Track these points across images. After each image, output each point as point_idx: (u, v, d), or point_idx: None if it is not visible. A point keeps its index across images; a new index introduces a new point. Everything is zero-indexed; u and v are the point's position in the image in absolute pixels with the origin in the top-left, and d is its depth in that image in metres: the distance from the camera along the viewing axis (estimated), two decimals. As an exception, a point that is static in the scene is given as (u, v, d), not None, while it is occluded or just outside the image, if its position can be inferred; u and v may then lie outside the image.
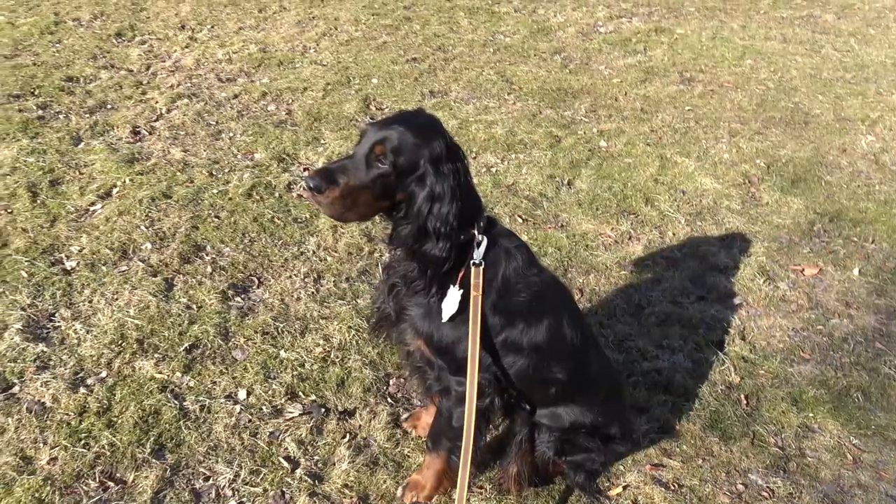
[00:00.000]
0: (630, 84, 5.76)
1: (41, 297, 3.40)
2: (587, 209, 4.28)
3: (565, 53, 6.22)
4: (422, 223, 2.14)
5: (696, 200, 4.45)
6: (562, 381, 2.47)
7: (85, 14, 6.22)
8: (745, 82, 5.90)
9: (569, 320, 2.46)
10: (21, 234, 3.75)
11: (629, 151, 4.87)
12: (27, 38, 5.75)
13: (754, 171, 4.75)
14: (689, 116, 5.37)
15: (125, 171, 4.27)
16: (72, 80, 5.21)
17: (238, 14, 6.48)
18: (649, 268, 3.91)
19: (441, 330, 2.34)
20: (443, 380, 2.45)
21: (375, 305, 2.63)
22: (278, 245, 3.86)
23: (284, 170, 4.45)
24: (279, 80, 5.44)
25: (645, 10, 7.25)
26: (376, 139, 2.09)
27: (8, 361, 3.05)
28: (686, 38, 6.64)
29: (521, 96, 5.50)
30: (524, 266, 2.38)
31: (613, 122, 5.22)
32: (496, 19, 6.77)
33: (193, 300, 3.46)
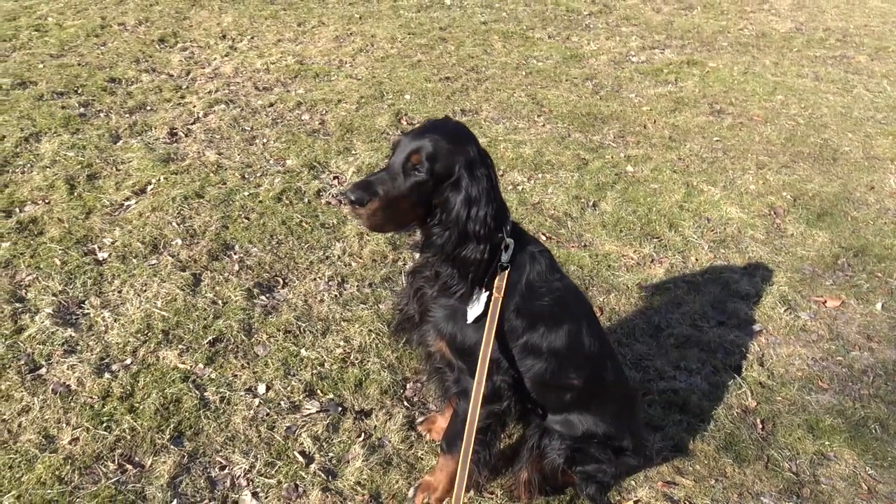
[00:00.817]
0: (659, 112, 5.81)
1: (72, 284, 3.49)
2: (611, 231, 4.31)
3: (597, 80, 6.28)
4: (461, 228, 2.19)
5: (720, 228, 4.46)
6: (577, 388, 2.49)
7: (130, 19, 6.41)
8: (774, 117, 5.92)
9: (588, 327, 2.49)
10: (56, 224, 3.86)
11: (655, 177, 4.90)
12: (73, 39, 5.94)
13: (780, 203, 4.75)
14: (716, 147, 5.40)
15: (160, 170, 4.38)
16: (114, 81, 5.37)
17: (278, 27, 6.64)
18: (670, 291, 3.92)
19: (465, 331, 2.38)
20: (462, 382, 2.49)
21: (398, 308, 2.67)
22: (305, 248, 3.93)
23: (315, 177, 4.53)
24: (314, 91, 5.56)
25: (678, 42, 7.31)
26: (412, 148, 2.14)
27: (37, 344, 3.14)
28: (717, 71, 6.69)
29: (550, 119, 5.56)
30: (547, 271, 2.42)
31: (641, 148, 5.26)
32: (530, 44, 6.87)
33: (219, 296, 3.53)
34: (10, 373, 2.98)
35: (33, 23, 6.13)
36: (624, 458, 2.60)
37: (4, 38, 5.81)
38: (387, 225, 2.22)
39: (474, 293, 2.34)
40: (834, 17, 8.55)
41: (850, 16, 8.61)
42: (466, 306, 2.36)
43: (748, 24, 8.05)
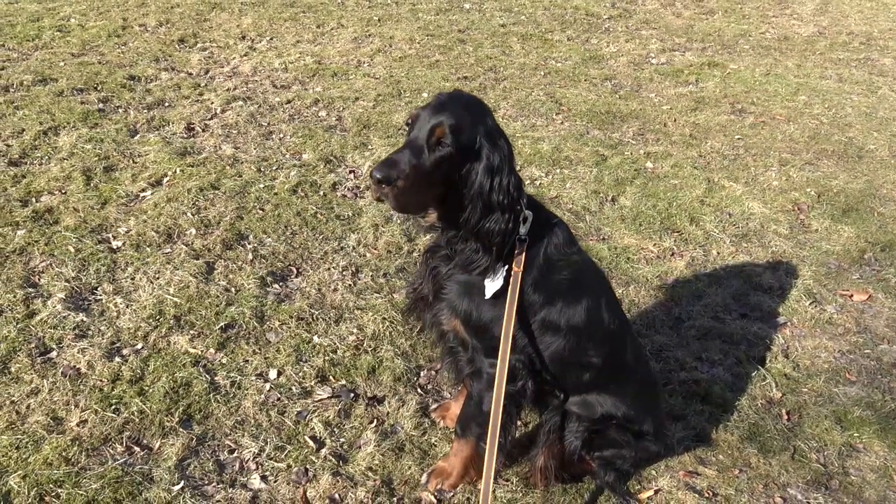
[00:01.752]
0: (680, 111, 5.73)
1: (86, 271, 3.47)
2: (630, 224, 4.23)
3: (616, 80, 6.22)
4: (486, 198, 2.12)
5: (742, 223, 4.36)
6: (597, 366, 2.41)
7: (151, 21, 6.46)
8: (797, 116, 5.82)
9: (607, 303, 2.42)
10: (72, 213, 3.85)
11: (676, 173, 4.82)
12: (95, 39, 5.98)
13: (804, 199, 4.65)
14: (738, 144, 5.31)
15: (177, 163, 4.37)
16: (133, 79, 5.39)
17: (297, 29, 6.65)
18: (691, 283, 3.83)
19: (480, 308, 2.32)
20: (475, 361, 2.42)
21: (412, 287, 2.62)
22: (319, 239, 3.89)
23: (331, 170, 4.50)
24: (332, 89, 5.55)
25: (699, 45, 7.24)
26: (435, 122, 2.07)
27: (48, 328, 3.12)
28: (739, 73, 6.60)
29: (569, 117, 5.50)
30: (565, 244, 2.36)
31: (661, 145, 5.19)
32: (549, 46, 6.83)
33: (232, 283, 3.49)
34: (21, 356, 2.96)
35: (56, 24, 6.20)
36: (644, 442, 2.51)
37: (28, 37, 5.87)
38: (413, 204, 2.15)
39: (495, 268, 2.27)
40: (857, 21, 8.43)
41: (874, 20, 8.49)
42: (484, 281, 2.29)
43: (770, 27, 7.96)
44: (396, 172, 2.03)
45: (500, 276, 2.28)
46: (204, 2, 7.05)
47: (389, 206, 2.12)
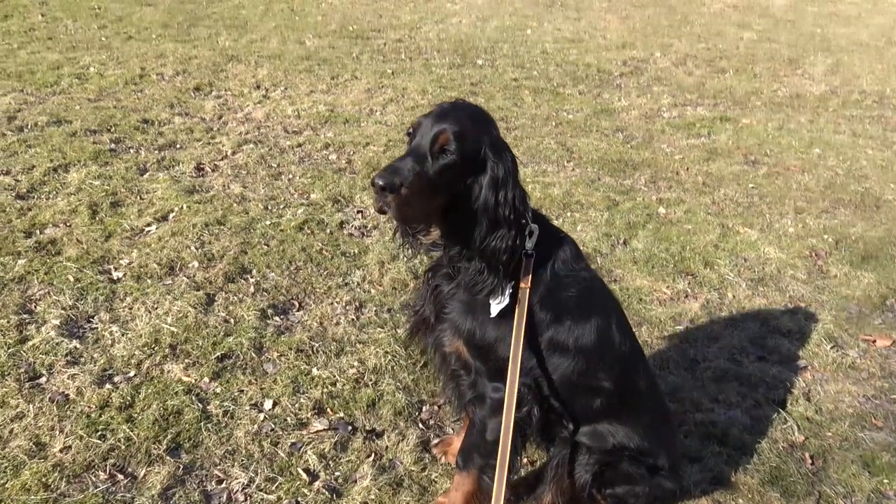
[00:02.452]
0: (692, 161, 5.68)
1: (84, 300, 3.40)
2: (642, 266, 4.13)
3: (627, 132, 6.21)
4: (491, 213, 2.03)
5: (758, 267, 4.24)
6: (608, 391, 2.27)
7: (169, 70, 6.56)
8: (812, 167, 5.75)
9: (617, 323, 2.30)
10: (75, 245, 3.80)
11: (689, 219, 4.73)
12: (112, 86, 6.07)
13: (821, 246, 4.53)
14: (752, 192, 5.23)
15: (184, 199, 4.34)
16: (147, 122, 5.43)
17: (311, 80, 6.74)
18: (706, 325, 3.69)
19: (485, 327, 2.20)
20: (478, 386, 2.29)
21: (413, 310, 2.51)
22: (324, 275, 3.81)
23: (339, 210, 4.45)
24: (343, 135, 5.56)
25: (710, 101, 7.25)
26: (439, 129, 1.99)
27: (40, 353, 3.03)
28: (751, 127, 6.58)
29: (580, 164, 5.46)
30: (573, 259, 2.26)
31: (674, 192, 5.12)
32: (560, 99, 6.86)
33: (232, 315, 3.40)
34: (9, 380, 2.86)
35: (75, 71, 6.31)
36: (658, 478, 2.35)
37: (46, 83, 5.97)
38: (416, 214, 2.03)
39: (503, 285, 2.16)
40: (869, 81, 8.45)
41: (886, 80, 8.50)
42: (490, 299, 2.18)
43: (781, 86, 7.98)
44: (399, 179, 1.92)
45: (507, 292, 2.18)
46: (221, 54, 7.18)
47: (391, 216, 2.02)
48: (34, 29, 7.43)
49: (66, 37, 7.30)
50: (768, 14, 12.07)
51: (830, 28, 11.39)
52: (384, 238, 4.20)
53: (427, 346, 2.45)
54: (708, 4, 12.45)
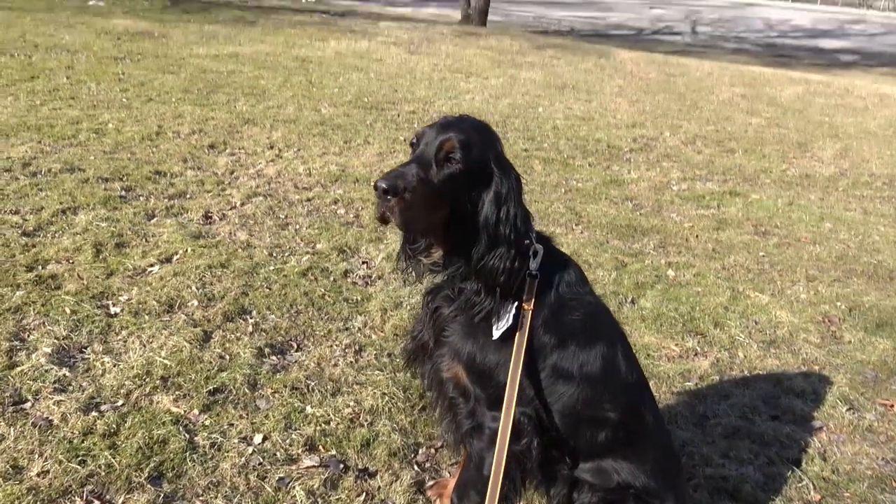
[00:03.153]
0: (702, 229, 5.64)
1: (78, 331, 3.34)
2: (650, 325, 4.03)
3: (637, 201, 6.21)
4: (491, 230, 1.98)
5: (769, 330, 4.14)
6: (613, 423, 2.16)
7: (185, 129, 6.68)
8: (823, 240, 5.70)
9: (623, 351, 2.21)
10: (75, 280, 3.77)
11: (698, 282, 4.66)
12: (129, 141, 6.17)
13: (834, 312, 4.43)
14: (763, 260, 5.16)
15: (189, 243, 4.32)
16: (159, 174, 5.48)
17: (324, 143, 6.83)
18: (716, 384, 3.57)
19: (485, 350, 2.11)
20: (477, 415, 2.19)
21: (412, 335, 2.43)
22: (324, 319, 3.74)
23: (344, 259, 4.42)
24: (353, 192, 5.59)
25: (720, 177, 7.28)
26: (444, 137, 1.97)
27: (28, 379, 2.95)
28: (761, 201, 6.57)
29: (588, 227, 5.44)
30: (577, 283, 2.19)
31: (683, 256, 5.06)
32: (570, 169, 6.91)
33: (228, 352, 3.32)
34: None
35: (94, 126, 6.42)
36: (665, 521, 2.20)
37: (64, 136, 6.07)
38: (419, 222, 1.98)
39: (503, 307, 2.09)
40: (878, 165, 8.49)
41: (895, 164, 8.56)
42: (491, 322, 2.11)
43: (790, 167, 8.02)
44: (403, 183, 1.88)
45: (510, 314, 2.10)
46: (238, 117, 7.32)
47: (394, 223, 1.94)
48: (58, 89, 7.63)
49: (89, 97, 7.47)
50: (776, 103, 12.29)
51: (838, 118, 11.55)
52: (388, 287, 4.14)
53: (425, 373, 2.36)
54: (717, 92, 12.70)
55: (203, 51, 10.75)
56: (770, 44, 26.75)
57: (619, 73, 13.86)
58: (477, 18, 21.81)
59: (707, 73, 15.00)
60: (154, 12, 14.41)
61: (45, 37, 10.32)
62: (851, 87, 15.21)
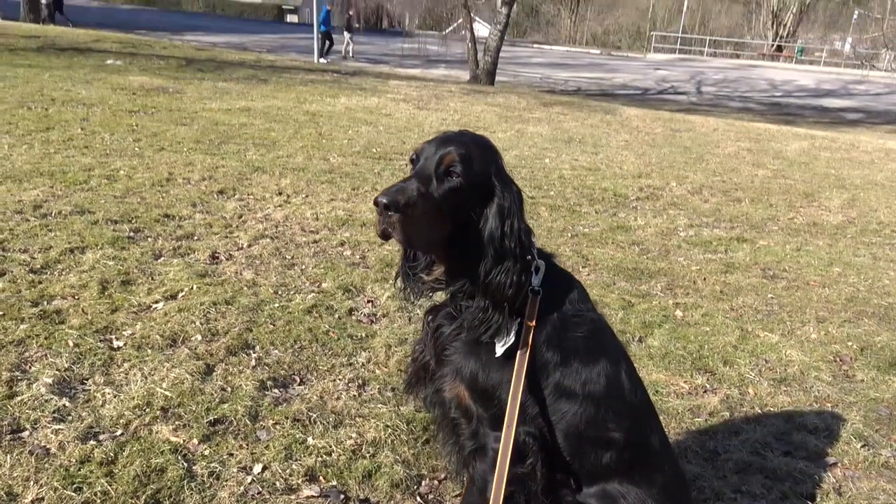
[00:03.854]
0: (710, 272, 5.61)
1: (80, 363, 3.32)
2: (658, 362, 3.98)
3: (643, 246, 6.20)
4: (497, 244, 1.96)
5: (780, 368, 4.07)
6: (619, 445, 2.10)
7: (196, 176, 6.77)
8: (832, 283, 5.65)
9: (627, 370, 2.17)
10: (80, 315, 3.77)
11: (707, 321, 4.61)
12: (139, 187, 6.25)
13: (846, 352, 4.36)
14: (772, 302, 5.12)
15: (195, 281, 4.33)
16: (168, 217, 5.53)
17: (333, 190, 6.90)
18: (727, 420, 3.50)
19: (488, 368, 2.07)
20: (479, 436, 2.14)
21: (413, 357, 2.39)
22: (328, 354, 3.71)
23: (349, 298, 4.41)
24: (359, 235, 5.61)
25: (727, 224, 7.28)
26: (444, 151, 1.96)
27: (27, 409, 2.93)
28: (769, 247, 6.55)
29: (595, 269, 5.43)
30: (580, 299, 2.17)
31: (690, 298, 5.02)
32: (577, 216, 6.93)
33: (230, 384, 3.29)
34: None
35: (106, 173, 6.52)
36: (674, 548, 2.13)
37: (76, 182, 6.15)
38: (420, 237, 1.94)
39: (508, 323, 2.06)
40: (887, 214, 8.47)
41: (904, 215, 8.53)
42: (494, 340, 2.08)
43: (797, 215, 8.02)
44: (404, 199, 1.86)
45: (513, 331, 2.08)
46: (247, 165, 7.41)
47: (396, 239, 1.91)
48: (72, 139, 7.77)
49: (102, 146, 7.61)
50: (782, 156, 12.37)
51: (844, 170, 11.60)
52: (393, 324, 4.12)
53: (427, 395, 2.32)
54: (722, 146, 12.80)
55: (216, 105, 10.98)
56: (775, 103, 27.12)
57: (625, 128, 14.03)
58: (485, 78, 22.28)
59: (713, 129, 15.16)
60: (170, 70, 14.78)
61: (62, 91, 10.59)
62: (857, 142, 15.33)
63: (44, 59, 14.16)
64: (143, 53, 17.62)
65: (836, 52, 56.95)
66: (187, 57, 18.09)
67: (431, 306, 2.29)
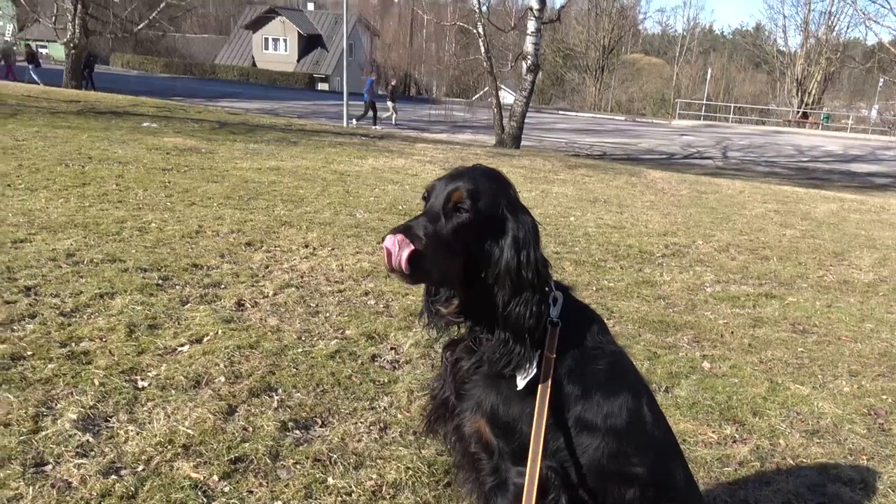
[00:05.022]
0: (737, 326, 5.54)
1: (105, 401, 3.35)
2: (686, 412, 3.90)
3: (669, 300, 6.15)
4: (514, 275, 1.95)
5: (812, 420, 3.97)
6: (642, 480, 2.05)
7: (224, 228, 6.90)
8: (864, 338, 5.54)
9: (648, 403, 2.14)
10: (107, 357, 3.81)
11: (735, 373, 4.53)
12: (170, 238, 6.37)
13: (880, 406, 4.25)
14: (802, 355, 5.02)
15: (220, 326, 4.37)
16: (196, 266, 5.62)
17: (358, 243, 6.97)
18: (757, 470, 3.40)
19: (510, 402, 2.05)
20: (500, 471, 2.10)
21: (432, 395, 2.37)
22: (350, 398, 3.69)
23: (372, 345, 4.41)
24: (384, 286, 5.64)
25: (755, 281, 7.21)
26: (452, 188, 1.97)
27: (51, 443, 2.94)
28: (798, 303, 6.45)
29: (620, 321, 5.38)
30: (599, 331, 2.16)
31: (718, 350, 4.95)
32: (602, 271, 6.91)
33: (251, 424, 3.29)
34: (14, 464, 2.77)
35: (137, 225, 6.67)
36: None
37: (108, 233, 6.30)
38: (429, 273, 1.95)
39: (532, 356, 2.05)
40: (919, 274, 8.36)
41: (938, 275, 8.38)
42: (517, 372, 2.06)
43: (827, 273, 7.92)
44: (410, 237, 1.86)
45: (534, 363, 2.06)
46: (275, 220, 7.54)
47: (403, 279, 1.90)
48: (107, 194, 7.99)
49: (135, 201, 7.80)
50: (810, 217, 12.30)
51: (875, 231, 11.48)
52: (416, 371, 4.10)
53: (447, 432, 2.29)
54: (749, 208, 12.77)
55: (246, 164, 11.25)
56: (802, 167, 27.09)
57: (651, 189, 14.08)
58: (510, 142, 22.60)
59: (739, 191, 15.15)
60: (203, 132, 15.22)
61: (99, 150, 10.93)
62: (887, 205, 15.20)
63: (83, 122, 14.67)
64: (178, 117, 18.19)
65: (862, 119, 57.11)
66: (220, 120, 18.63)
67: (449, 340, 2.27)
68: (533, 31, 21.58)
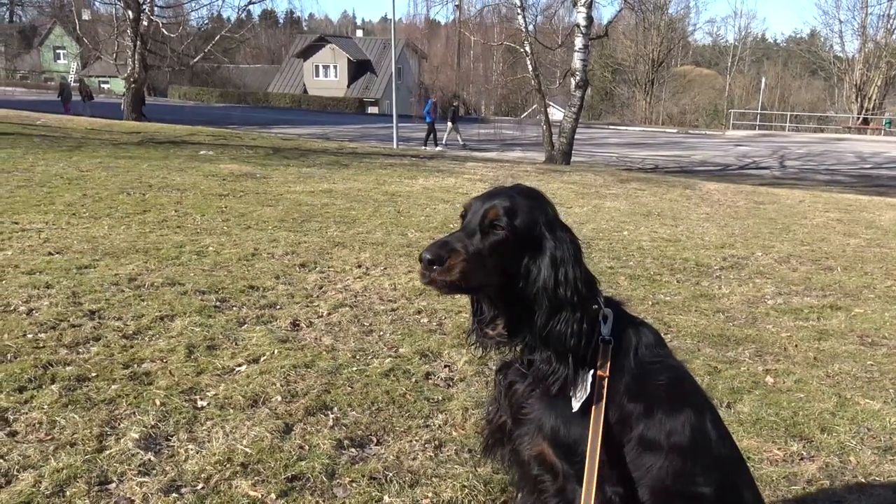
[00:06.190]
0: (801, 339, 5.36)
1: (166, 421, 3.41)
2: (749, 428, 3.78)
3: (729, 314, 6.00)
4: (551, 293, 1.94)
5: (884, 437, 3.80)
6: (709, 500, 1.97)
7: (279, 251, 7.02)
8: (939, 351, 5.31)
9: (712, 419, 2.07)
10: (167, 377, 3.90)
11: (800, 388, 4.37)
12: (227, 261, 6.51)
13: (960, 421, 4.05)
14: (872, 369, 4.82)
15: (276, 346, 4.44)
16: (253, 288, 5.72)
17: (410, 262, 7.01)
18: (827, 488, 3.26)
19: (570, 423, 2.00)
20: (567, 492, 2.04)
21: (487, 418, 2.34)
22: (405, 416, 3.69)
23: (426, 363, 4.41)
24: (436, 304, 5.65)
25: (818, 292, 6.98)
26: (489, 205, 1.99)
27: (115, 462, 3.01)
28: (866, 315, 6.22)
29: (678, 336, 5.27)
30: (656, 345, 2.10)
31: (781, 364, 4.79)
32: (657, 285, 6.79)
33: (308, 442, 3.31)
34: (80, 482, 2.84)
35: (196, 249, 6.84)
36: None
37: (168, 257, 6.47)
38: (464, 289, 1.99)
39: (578, 376, 2.02)
40: None
41: None
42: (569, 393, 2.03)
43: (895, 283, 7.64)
44: (447, 253, 1.89)
45: (587, 383, 2.02)
46: (328, 241, 7.64)
47: (439, 292, 1.95)
48: (166, 220, 8.22)
49: (193, 226, 8.01)
50: (875, 226, 11.88)
51: (945, 239, 11.02)
52: (470, 388, 4.08)
53: (505, 455, 2.25)
54: (810, 217, 12.42)
55: (300, 188, 11.45)
56: (864, 175, 26.24)
57: (706, 201, 13.82)
58: (560, 158, 22.48)
59: (798, 201, 14.75)
60: (257, 158, 15.57)
61: (158, 179, 11.27)
62: (957, 210, 14.58)
63: (143, 152, 15.17)
64: (234, 144, 18.66)
65: (927, 124, 55.03)
66: (274, 146, 19.04)
67: (502, 363, 2.25)
68: (580, 47, 21.53)
